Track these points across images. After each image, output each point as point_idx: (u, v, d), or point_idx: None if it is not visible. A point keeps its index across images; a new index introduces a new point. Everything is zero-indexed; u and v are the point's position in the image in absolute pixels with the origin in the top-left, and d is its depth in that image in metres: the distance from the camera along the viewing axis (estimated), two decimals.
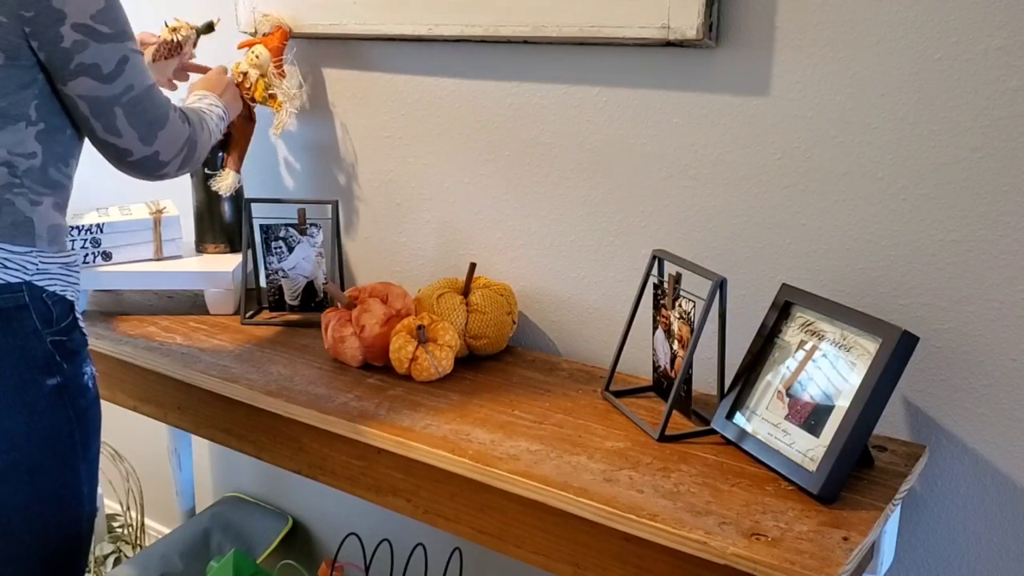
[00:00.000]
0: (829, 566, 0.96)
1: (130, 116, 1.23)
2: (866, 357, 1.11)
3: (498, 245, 1.62)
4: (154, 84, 1.27)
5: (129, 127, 1.23)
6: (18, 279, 1.20)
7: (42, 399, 1.23)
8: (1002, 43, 1.13)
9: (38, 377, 1.22)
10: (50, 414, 1.24)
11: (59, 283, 1.26)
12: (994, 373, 1.22)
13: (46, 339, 1.23)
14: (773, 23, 1.27)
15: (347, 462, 1.35)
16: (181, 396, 1.53)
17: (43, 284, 1.23)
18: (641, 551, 1.08)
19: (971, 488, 1.26)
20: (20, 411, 1.21)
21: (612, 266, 1.51)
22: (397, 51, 1.66)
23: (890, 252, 1.26)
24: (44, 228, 1.23)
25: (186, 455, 2.16)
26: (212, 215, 1.81)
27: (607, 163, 1.47)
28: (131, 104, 1.23)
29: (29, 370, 1.22)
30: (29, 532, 1.26)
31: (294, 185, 1.87)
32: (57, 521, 1.28)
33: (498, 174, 1.59)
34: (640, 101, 1.41)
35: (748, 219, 1.36)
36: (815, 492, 1.09)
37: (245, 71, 1.68)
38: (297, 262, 1.68)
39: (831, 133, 1.27)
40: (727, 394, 1.26)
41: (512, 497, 1.17)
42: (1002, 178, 1.16)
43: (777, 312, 1.24)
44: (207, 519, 2.12)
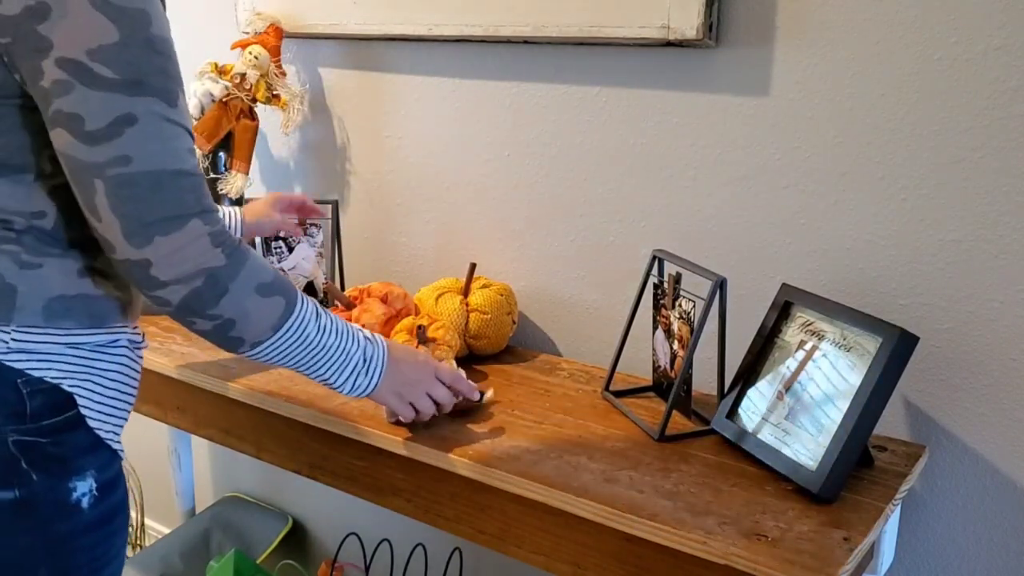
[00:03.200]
0: (829, 566, 0.96)
1: (114, 198, 0.89)
2: (866, 357, 1.11)
3: (498, 245, 1.62)
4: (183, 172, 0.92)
5: (111, 212, 0.90)
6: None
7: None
8: (1002, 43, 1.13)
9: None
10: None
11: (57, 369, 0.97)
12: (994, 373, 1.22)
13: (7, 438, 0.93)
14: (773, 23, 1.27)
15: (347, 462, 1.35)
16: (181, 396, 1.53)
17: (20, 366, 0.94)
18: (641, 551, 1.08)
19: (971, 488, 1.26)
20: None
21: (612, 266, 1.51)
22: (397, 51, 1.66)
23: (890, 252, 1.26)
24: (40, 299, 0.95)
25: (186, 455, 2.16)
26: None
27: (607, 163, 1.47)
28: (119, 182, 0.89)
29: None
30: None
31: (294, 185, 1.87)
32: None
33: (498, 174, 1.59)
34: (640, 101, 1.41)
35: (748, 219, 1.36)
36: (815, 492, 1.09)
37: (243, 72, 1.68)
38: (297, 262, 1.68)
39: (831, 133, 1.27)
40: (727, 394, 1.26)
41: (512, 497, 1.17)
42: (1002, 178, 1.16)
43: (777, 312, 1.24)
44: (207, 519, 2.12)
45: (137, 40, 0.89)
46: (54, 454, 0.96)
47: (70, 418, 0.98)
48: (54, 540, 0.97)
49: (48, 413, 0.96)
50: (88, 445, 0.99)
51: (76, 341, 0.98)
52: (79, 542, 0.99)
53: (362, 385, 1.11)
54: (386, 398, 1.15)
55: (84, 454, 0.99)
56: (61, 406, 0.97)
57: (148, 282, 0.93)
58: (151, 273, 0.92)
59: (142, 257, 0.91)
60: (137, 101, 0.89)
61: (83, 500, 0.98)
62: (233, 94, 1.68)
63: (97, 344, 1.00)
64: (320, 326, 1.06)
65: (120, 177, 0.89)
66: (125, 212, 0.90)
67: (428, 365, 1.19)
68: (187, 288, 0.94)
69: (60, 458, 0.97)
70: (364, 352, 1.10)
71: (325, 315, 1.07)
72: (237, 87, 1.68)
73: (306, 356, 1.05)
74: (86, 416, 0.99)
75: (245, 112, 1.71)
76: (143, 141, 0.89)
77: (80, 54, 0.87)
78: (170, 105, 0.92)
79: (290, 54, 1.78)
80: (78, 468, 0.98)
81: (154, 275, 0.93)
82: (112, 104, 0.88)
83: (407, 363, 1.16)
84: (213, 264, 0.94)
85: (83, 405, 0.98)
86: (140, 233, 0.90)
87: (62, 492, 0.97)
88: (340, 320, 1.09)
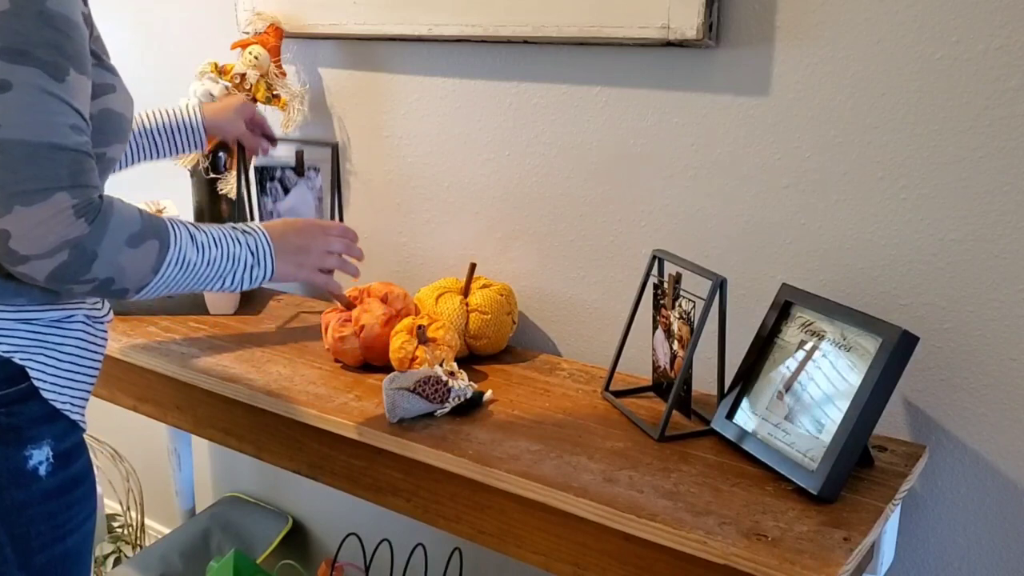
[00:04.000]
0: (829, 566, 0.96)
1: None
2: (866, 357, 1.11)
3: (498, 245, 1.62)
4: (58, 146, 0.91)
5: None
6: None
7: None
8: (1002, 43, 1.13)
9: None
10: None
11: (8, 343, 1.00)
12: (994, 373, 1.22)
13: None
14: (773, 23, 1.27)
15: (347, 462, 1.35)
16: (181, 396, 1.53)
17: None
18: (641, 551, 1.08)
19: (971, 488, 1.26)
20: None
21: (612, 266, 1.51)
22: (397, 51, 1.66)
23: (890, 252, 1.26)
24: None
25: (186, 455, 2.16)
26: (212, 215, 1.81)
27: (607, 163, 1.47)
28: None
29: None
30: None
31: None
32: None
33: (498, 174, 1.59)
34: (640, 101, 1.41)
35: (748, 219, 1.36)
36: (815, 492, 1.09)
37: (243, 72, 1.68)
38: (294, 204, 1.62)
39: (831, 133, 1.27)
40: (727, 394, 1.26)
41: (512, 497, 1.17)
42: (1002, 178, 1.16)
43: (777, 312, 1.24)
44: (207, 519, 2.12)
45: (29, 12, 0.89)
46: (7, 423, 0.99)
47: (23, 390, 1.00)
48: (10, 507, 0.99)
49: (1, 385, 0.99)
50: (43, 415, 1.02)
51: (29, 317, 1.01)
52: (37, 509, 1.01)
53: (259, 276, 1.12)
54: (289, 274, 1.16)
55: (39, 424, 1.01)
56: (14, 378, 1.00)
57: (9, 256, 0.92)
58: (10, 246, 0.91)
59: (2, 228, 0.90)
60: (17, 69, 0.88)
61: (40, 468, 1.01)
62: (233, 94, 1.68)
63: (52, 320, 1.02)
64: (199, 245, 1.05)
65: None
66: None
67: (310, 225, 1.20)
68: (53, 262, 0.92)
69: (14, 427, 1.00)
70: (248, 247, 1.11)
71: (200, 232, 1.06)
72: (237, 87, 1.68)
73: (195, 277, 1.06)
74: (40, 388, 1.01)
75: None
76: (15, 110, 0.89)
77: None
78: (56, 79, 0.91)
79: (290, 54, 1.78)
80: (33, 437, 1.01)
81: (14, 248, 0.91)
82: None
83: (290, 233, 1.16)
84: (76, 235, 0.93)
85: (36, 377, 1.01)
86: (1, 202, 0.89)
87: (17, 460, 0.99)
88: (214, 229, 1.09)
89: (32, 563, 1.02)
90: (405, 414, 1.27)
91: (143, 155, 1.49)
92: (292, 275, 1.17)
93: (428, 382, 1.28)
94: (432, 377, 1.28)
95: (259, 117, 1.57)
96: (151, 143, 1.48)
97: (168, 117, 1.49)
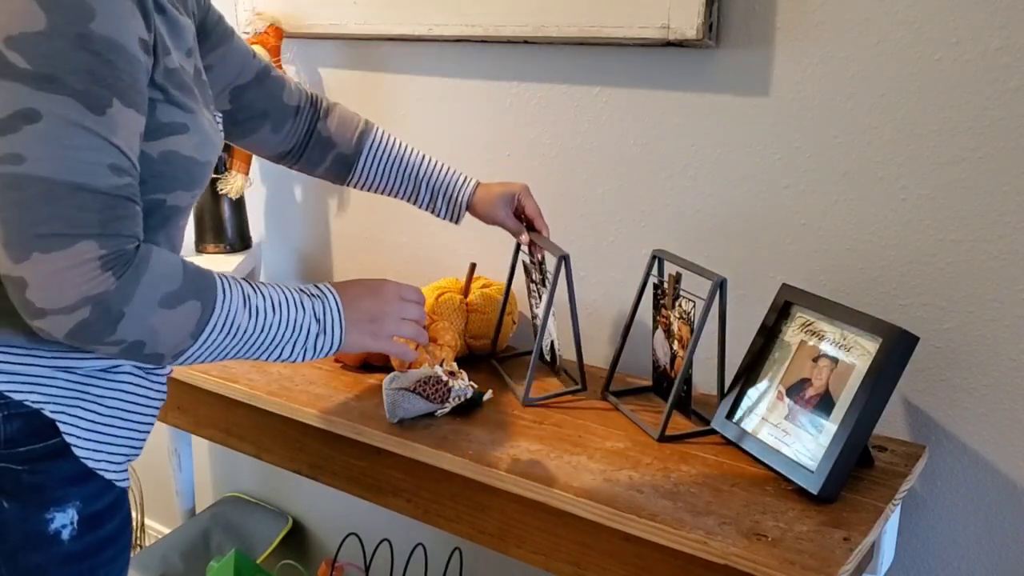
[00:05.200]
0: (829, 566, 0.96)
1: (0, 198, 0.78)
2: (866, 357, 1.11)
3: (498, 245, 1.62)
4: (86, 188, 0.80)
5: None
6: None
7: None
8: (1002, 44, 1.13)
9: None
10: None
11: (39, 392, 0.89)
12: (994, 373, 1.22)
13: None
14: (773, 23, 1.27)
15: (347, 462, 1.35)
16: (181, 396, 1.53)
17: None
18: (641, 551, 1.08)
19: (971, 488, 1.26)
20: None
21: (612, 266, 1.51)
22: (397, 51, 1.66)
23: (890, 252, 1.26)
24: None
25: (186, 455, 2.16)
26: (212, 215, 1.81)
27: (607, 163, 1.47)
28: (6, 182, 0.78)
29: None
30: None
31: (294, 185, 1.87)
32: None
33: (498, 174, 1.59)
34: (640, 101, 1.41)
35: (748, 219, 1.36)
36: (815, 492, 1.09)
37: None
38: None
39: (831, 133, 1.27)
40: (727, 394, 1.26)
41: (512, 497, 1.17)
42: (1002, 178, 1.16)
43: (777, 312, 1.24)
44: (207, 519, 2.12)
45: (65, 33, 0.78)
46: (30, 483, 0.89)
47: (52, 446, 0.90)
48: (24, 570, 0.90)
49: (26, 439, 0.89)
50: (73, 475, 0.92)
51: (69, 365, 0.91)
52: (54, 573, 0.92)
53: (324, 346, 0.99)
54: (361, 344, 1.02)
55: (67, 484, 0.91)
56: (42, 433, 0.90)
57: (25, 307, 0.81)
58: (27, 296, 0.80)
59: (18, 275, 0.79)
60: (43, 97, 0.78)
61: (63, 532, 0.91)
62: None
63: (95, 369, 0.93)
64: (252, 309, 0.92)
65: (8, 176, 0.78)
66: (6, 216, 0.79)
67: (385, 291, 1.05)
68: (72, 319, 0.81)
69: (37, 487, 0.90)
70: (314, 313, 0.97)
71: (257, 294, 0.94)
72: None
73: (245, 345, 0.93)
74: (72, 444, 0.91)
75: None
76: (41, 143, 0.78)
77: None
78: (92, 111, 0.80)
79: (290, 54, 1.78)
80: (58, 499, 0.91)
81: (30, 299, 0.80)
82: (15, 96, 0.78)
83: (364, 299, 1.02)
84: (100, 290, 0.81)
85: (68, 432, 0.91)
86: (19, 245, 0.79)
87: (37, 522, 0.90)
88: (277, 291, 0.96)
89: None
90: (405, 414, 1.27)
91: (397, 190, 1.34)
92: (363, 346, 1.02)
93: (428, 382, 1.28)
94: (432, 377, 1.28)
95: (530, 208, 1.35)
96: (414, 187, 1.34)
97: (445, 176, 1.34)
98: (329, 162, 1.31)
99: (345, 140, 1.30)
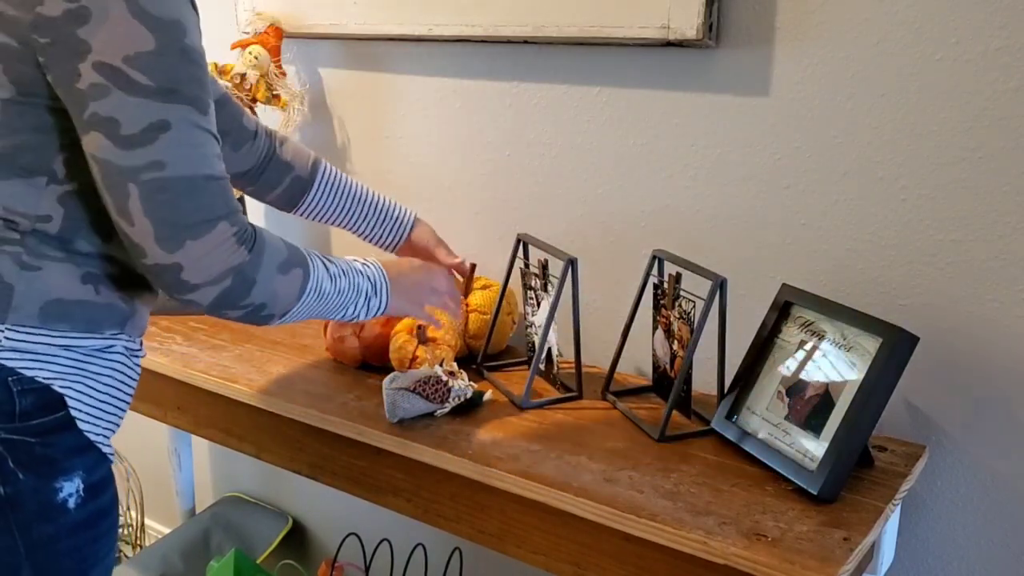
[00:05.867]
0: (829, 566, 0.96)
1: (148, 202, 0.91)
2: (866, 357, 1.11)
3: (498, 245, 1.62)
4: (213, 177, 0.94)
5: (144, 216, 0.91)
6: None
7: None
8: (1002, 44, 1.13)
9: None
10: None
11: (49, 369, 0.97)
12: (994, 373, 1.22)
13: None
14: (773, 23, 1.27)
15: (347, 462, 1.35)
16: (181, 396, 1.53)
17: (11, 364, 0.94)
18: (641, 551, 1.08)
19: (971, 488, 1.26)
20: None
21: (612, 266, 1.51)
22: (397, 51, 1.66)
23: (890, 252, 1.26)
24: (37, 300, 0.95)
25: (186, 455, 2.16)
26: None
27: (607, 163, 1.47)
28: (153, 187, 0.91)
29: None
30: None
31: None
32: None
33: (498, 174, 1.59)
34: (640, 101, 1.41)
35: (748, 219, 1.36)
36: (815, 492, 1.09)
37: (243, 72, 1.68)
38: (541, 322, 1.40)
39: (831, 133, 1.27)
40: (727, 394, 1.26)
41: (512, 497, 1.17)
42: (1002, 178, 1.16)
43: (777, 312, 1.24)
44: (207, 519, 2.12)
45: (172, 49, 0.91)
46: (42, 455, 0.96)
47: (60, 419, 0.97)
48: (38, 542, 0.96)
49: (38, 413, 0.96)
50: (77, 447, 0.99)
51: (71, 344, 0.98)
52: (64, 544, 0.98)
53: (376, 307, 1.17)
54: (402, 308, 1.21)
55: (72, 455, 0.98)
56: (51, 406, 0.97)
57: (179, 286, 0.95)
58: (182, 277, 0.94)
59: (173, 261, 0.93)
60: (171, 108, 0.91)
61: (69, 501, 0.98)
62: (233, 94, 1.68)
63: (92, 348, 1.00)
64: (332, 275, 1.10)
65: (155, 182, 0.91)
66: (159, 217, 0.91)
67: (422, 266, 1.27)
68: (218, 288, 0.96)
69: (48, 459, 0.97)
70: (370, 280, 1.16)
71: (331, 263, 1.11)
72: (237, 87, 1.68)
73: (326, 305, 1.10)
74: (76, 418, 0.98)
75: None
76: (176, 147, 0.91)
77: (117, 60, 0.88)
78: (201, 113, 0.94)
79: (290, 54, 1.78)
80: (65, 469, 0.98)
81: (185, 279, 0.94)
82: (147, 110, 0.90)
83: (404, 271, 1.23)
84: (238, 261, 0.97)
85: (73, 407, 0.98)
86: (173, 237, 0.92)
87: (48, 492, 0.96)
88: (341, 260, 1.14)
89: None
90: (405, 414, 1.27)
91: (345, 216, 1.41)
92: (404, 310, 1.22)
93: (428, 382, 1.28)
94: (432, 377, 1.29)
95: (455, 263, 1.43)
96: (362, 213, 1.41)
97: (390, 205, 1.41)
98: (287, 183, 1.37)
99: (301, 165, 1.38)
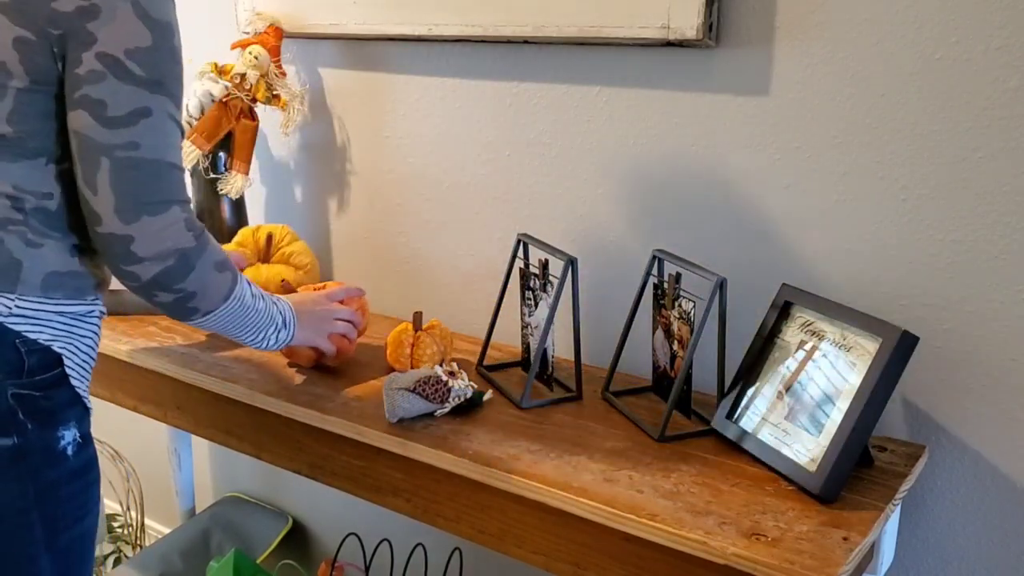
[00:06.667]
0: (829, 566, 0.96)
1: (116, 175, 1.01)
2: (866, 357, 1.11)
3: (498, 245, 1.62)
4: (176, 166, 1.06)
5: (109, 188, 1.02)
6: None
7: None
8: (1002, 43, 1.13)
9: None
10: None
11: (48, 332, 1.07)
12: (994, 373, 1.22)
13: (6, 391, 1.04)
14: (773, 23, 1.27)
15: (347, 462, 1.35)
16: (181, 396, 1.53)
17: (19, 328, 1.05)
18: (641, 551, 1.08)
19: (971, 488, 1.26)
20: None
21: (612, 266, 1.51)
22: (397, 51, 1.66)
23: (890, 252, 1.26)
24: (39, 273, 1.06)
25: (186, 455, 2.16)
26: (212, 215, 1.80)
27: (607, 163, 1.47)
28: (125, 164, 1.02)
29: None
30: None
31: (294, 185, 1.87)
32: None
33: (498, 174, 1.59)
34: (640, 101, 1.41)
35: (748, 219, 1.36)
36: (815, 492, 1.09)
37: (243, 72, 1.68)
38: (539, 322, 1.40)
39: (831, 133, 1.27)
40: (727, 394, 1.26)
41: (512, 497, 1.17)
42: (1002, 178, 1.16)
43: (777, 312, 1.24)
44: (207, 519, 2.12)
45: (165, 48, 1.04)
46: (45, 407, 1.07)
47: (57, 375, 1.09)
48: (44, 487, 1.07)
49: (41, 370, 1.07)
50: (70, 399, 1.11)
51: (64, 310, 1.09)
52: (65, 489, 1.09)
53: (284, 338, 1.28)
54: (307, 339, 1.33)
55: (67, 407, 1.10)
56: (51, 364, 1.08)
57: (126, 257, 1.05)
58: (131, 248, 1.04)
59: (126, 233, 1.03)
60: (155, 98, 1.03)
61: (68, 448, 1.10)
62: (233, 94, 1.68)
63: (79, 313, 1.11)
64: (253, 294, 1.21)
65: (127, 160, 1.02)
66: (123, 190, 1.02)
67: (320, 297, 1.37)
68: (160, 265, 1.06)
69: (50, 410, 1.08)
70: (281, 314, 1.27)
71: (252, 285, 1.22)
72: (237, 87, 1.68)
73: (244, 320, 1.20)
74: (69, 374, 1.10)
75: (245, 112, 1.71)
76: (152, 133, 1.03)
77: (119, 52, 1.00)
78: (177, 107, 1.06)
79: (290, 54, 1.78)
80: (64, 419, 1.09)
81: (133, 250, 1.04)
82: (135, 97, 1.01)
83: (307, 303, 1.34)
84: (185, 245, 1.07)
85: (67, 364, 1.10)
86: (132, 210, 1.03)
87: (51, 440, 1.08)
88: (256, 286, 1.24)
89: (57, 543, 1.09)
90: (405, 414, 1.27)
91: None
92: (307, 341, 1.33)
93: (428, 382, 1.28)
94: (432, 377, 1.29)
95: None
96: None
97: None
98: None
99: None
